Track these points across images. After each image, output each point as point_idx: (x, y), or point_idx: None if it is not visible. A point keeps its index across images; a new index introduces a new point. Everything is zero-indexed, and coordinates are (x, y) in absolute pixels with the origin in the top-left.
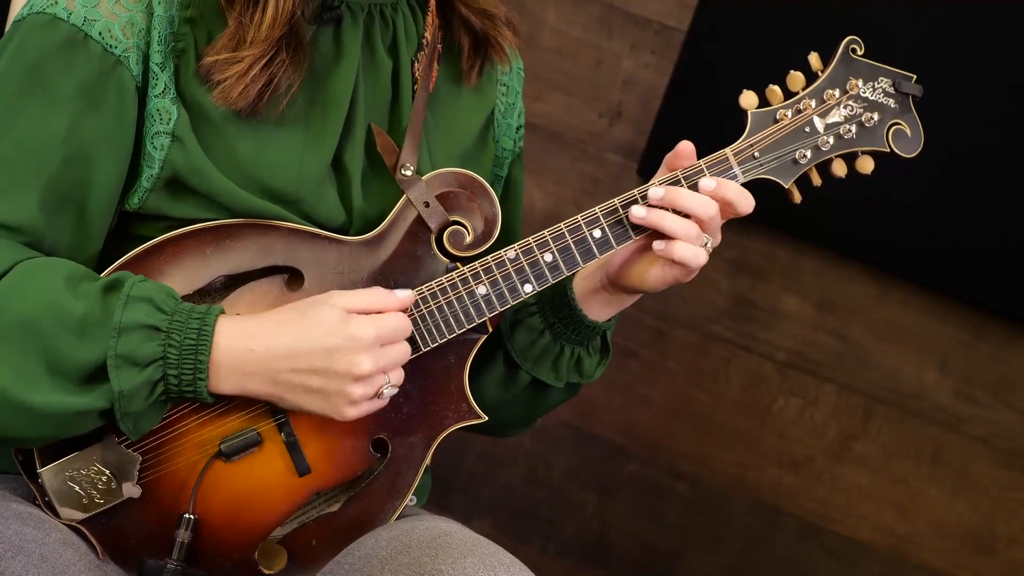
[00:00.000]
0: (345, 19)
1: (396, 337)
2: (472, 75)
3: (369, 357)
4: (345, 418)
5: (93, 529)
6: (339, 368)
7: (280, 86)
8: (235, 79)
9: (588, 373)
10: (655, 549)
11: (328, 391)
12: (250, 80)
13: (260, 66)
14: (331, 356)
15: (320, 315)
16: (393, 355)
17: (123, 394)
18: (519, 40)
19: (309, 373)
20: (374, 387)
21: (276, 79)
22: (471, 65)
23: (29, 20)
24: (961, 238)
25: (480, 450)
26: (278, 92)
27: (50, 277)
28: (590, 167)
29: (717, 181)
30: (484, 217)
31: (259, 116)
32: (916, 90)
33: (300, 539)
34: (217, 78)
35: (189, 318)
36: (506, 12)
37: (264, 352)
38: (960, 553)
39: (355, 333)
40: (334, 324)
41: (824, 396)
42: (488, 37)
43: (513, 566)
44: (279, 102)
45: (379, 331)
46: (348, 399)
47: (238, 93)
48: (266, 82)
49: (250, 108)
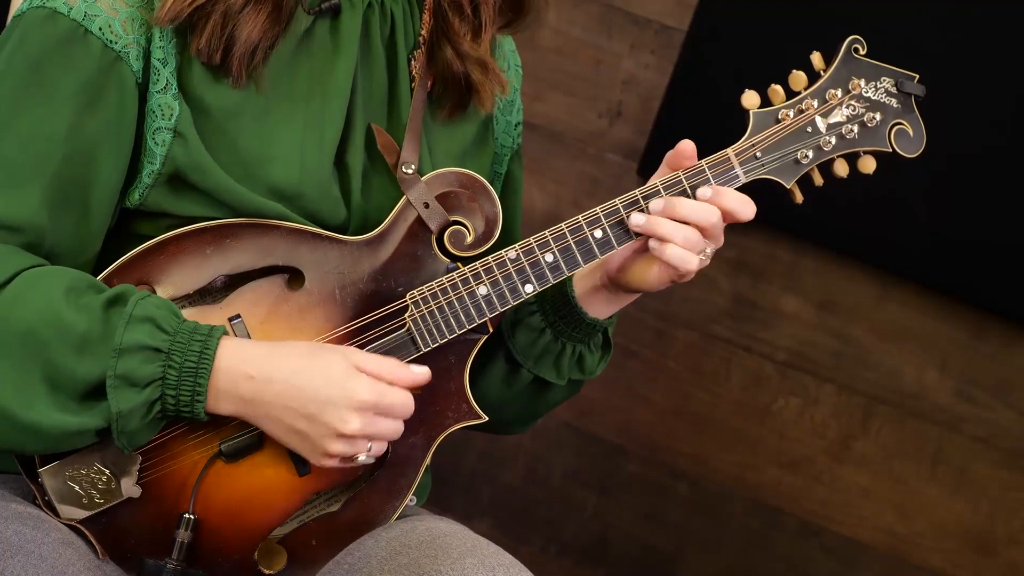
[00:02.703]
0: (344, 11)
1: (393, 413)
2: (444, 110)
3: (360, 419)
4: (315, 463)
5: (93, 529)
6: (327, 420)
7: (238, 36)
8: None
9: (590, 370)
10: (655, 549)
11: (309, 437)
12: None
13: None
14: (323, 406)
15: (327, 362)
16: (383, 427)
17: (121, 414)
18: (506, 91)
19: (298, 415)
20: (354, 449)
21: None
22: (444, 101)
23: (29, 15)
24: (961, 238)
25: (480, 450)
26: (234, 46)
27: (52, 288)
28: (590, 167)
29: (715, 190)
30: (485, 217)
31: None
32: (918, 90)
33: (300, 539)
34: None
35: (191, 339)
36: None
37: (263, 382)
38: (960, 553)
39: (354, 392)
40: (338, 376)
41: (824, 396)
42: (471, 85)
43: (513, 567)
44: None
45: (379, 400)
46: (324, 451)
47: (168, 6)
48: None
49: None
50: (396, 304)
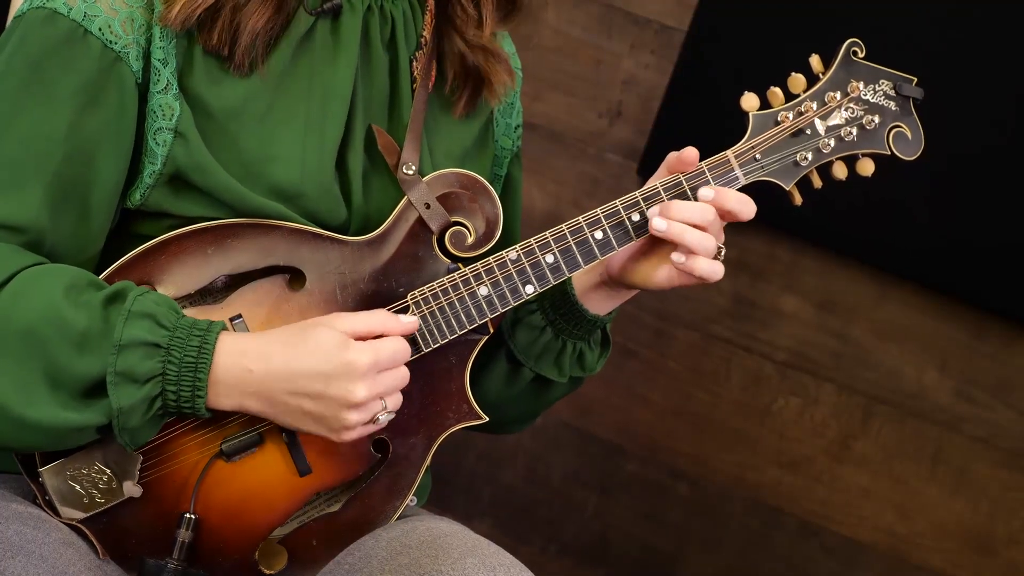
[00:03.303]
0: (344, 12)
1: (394, 362)
2: (459, 106)
3: (364, 385)
4: (342, 440)
5: (93, 528)
6: (334, 394)
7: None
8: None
9: (590, 366)
10: (655, 549)
11: (323, 415)
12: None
13: None
14: (327, 382)
15: (319, 338)
16: (390, 381)
17: (122, 411)
18: (514, 83)
19: (305, 397)
20: (370, 413)
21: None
22: (457, 96)
23: (29, 15)
24: (961, 238)
25: (480, 450)
26: (239, 34)
27: (52, 286)
28: (590, 167)
29: (716, 191)
30: (486, 218)
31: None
32: (917, 93)
33: (301, 539)
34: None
35: (190, 335)
36: (504, 53)
37: (263, 373)
38: (960, 553)
39: (351, 360)
40: (331, 349)
41: (824, 396)
42: (480, 74)
43: (513, 567)
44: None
45: (376, 358)
46: (343, 424)
47: (177, 8)
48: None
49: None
50: (397, 304)
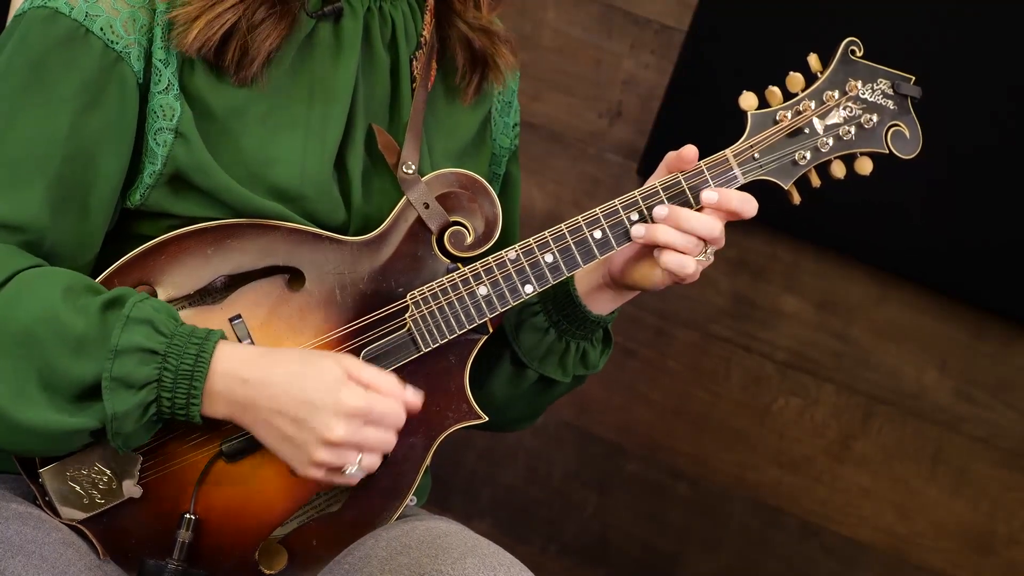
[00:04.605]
0: (345, 14)
1: (384, 421)
2: (468, 93)
3: (346, 426)
4: (303, 474)
5: (94, 529)
6: (314, 425)
7: (254, 44)
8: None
9: (593, 364)
10: (655, 549)
11: (296, 442)
12: (215, 16)
13: (226, 6)
14: (312, 411)
15: (320, 368)
16: (373, 436)
17: (116, 416)
18: (517, 61)
19: (286, 418)
20: (340, 459)
21: (239, 28)
22: (467, 83)
23: (30, 14)
24: (961, 238)
25: (480, 450)
26: (249, 51)
27: (50, 289)
28: (590, 167)
29: (719, 193)
30: (485, 218)
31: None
32: (915, 92)
33: (301, 539)
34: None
35: (188, 342)
36: (505, 31)
37: (257, 387)
38: (960, 553)
39: (343, 398)
40: (329, 382)
41: (824, 396)
42: (486, 56)
43: (513, 566)
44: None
45: (369, 407)
46: (311, 458)
47: (194, 34)
48: (229, 29)
49: (216, 59)
50: (396, 304)
